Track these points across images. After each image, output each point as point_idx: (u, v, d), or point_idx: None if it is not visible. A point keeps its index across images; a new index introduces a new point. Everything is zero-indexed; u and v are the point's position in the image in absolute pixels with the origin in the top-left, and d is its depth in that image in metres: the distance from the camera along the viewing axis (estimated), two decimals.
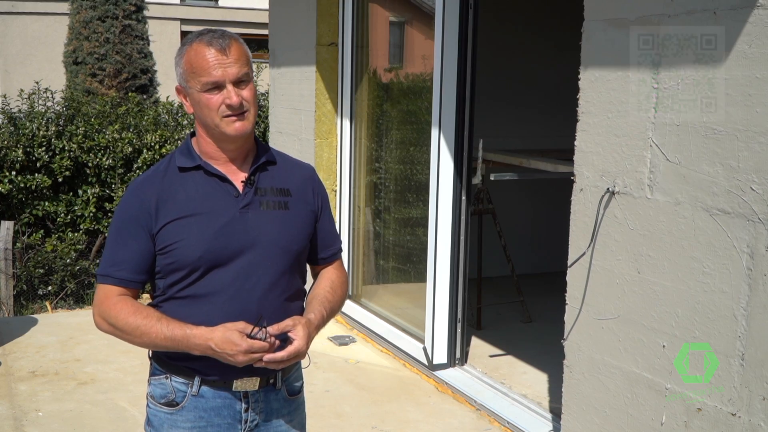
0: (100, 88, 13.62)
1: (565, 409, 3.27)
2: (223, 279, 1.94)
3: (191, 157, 2.00)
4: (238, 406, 2.01)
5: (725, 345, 2.56)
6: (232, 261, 1.94)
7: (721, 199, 2.55)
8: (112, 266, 1.96)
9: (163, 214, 1.93)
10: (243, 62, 1.93)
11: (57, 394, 4.33)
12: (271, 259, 1.98)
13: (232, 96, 1.90)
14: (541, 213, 6.67)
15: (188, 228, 1.93)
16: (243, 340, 1.83)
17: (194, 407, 1.99)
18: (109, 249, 1.99)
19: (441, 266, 4.53)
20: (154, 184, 1.97)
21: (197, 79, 1.91)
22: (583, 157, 3.09)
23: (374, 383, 4.60)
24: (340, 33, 5.49)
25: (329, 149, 5.62)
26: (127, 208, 1.97)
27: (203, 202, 1.95)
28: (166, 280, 1.97)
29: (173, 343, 1.89)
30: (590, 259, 3.08)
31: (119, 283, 1.95)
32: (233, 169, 2.00)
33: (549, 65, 6.27)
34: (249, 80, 1.95)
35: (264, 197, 2.00)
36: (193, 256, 1.91)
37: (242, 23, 19.22)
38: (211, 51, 1.90)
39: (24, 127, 8.04)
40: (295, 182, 2.08)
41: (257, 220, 1.97)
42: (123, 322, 1.91)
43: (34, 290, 7.79)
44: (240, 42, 1.96)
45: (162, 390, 2.02)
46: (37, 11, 17.57)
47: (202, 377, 1.98)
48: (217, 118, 1.92)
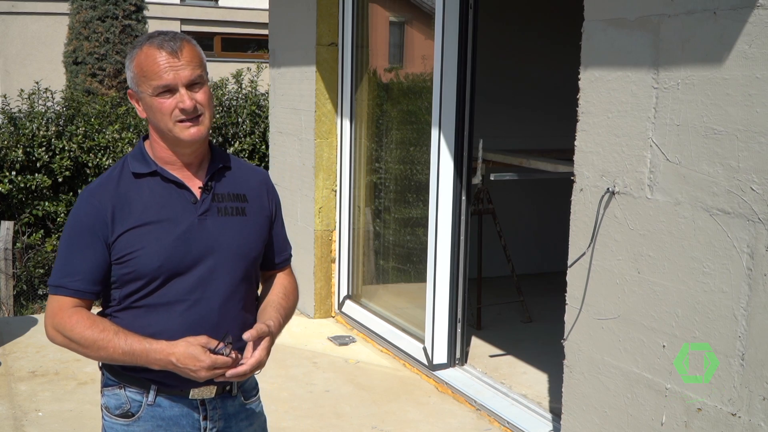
0: (100, 88, 13.62)
1: (565, 409, 3.27)
2: (183, 288, 1.89)
3: (146, 163, 1.94)
4: (196, 414, 1.97)
5: (725, 345, 2.56)
6: (192, 269, 1.90)
7: (721, 199, 2.55)
8: (65, 276, 1.89)
9: (120, 223, 1.87)
10: (195, 64, 1.87)
11: (57, 394, 4.33)
12: (231, 266, 1.94)
13: (185, 100, 1.85)
14: (541, 213, 6.67)
15: (147, 237, 1.87)
16: (206, 356, 1.79)
17: (151, 417, 1.94)
18: (62, 258, 1.91)
19: (441, 266, 4.53)
20: (108, 191, 1.90)
21: (148, 83, 1.86)
22: (583, 157, 3.09)
23: (374, 383, 4.60)
24: (340, 33, 5.49)
25: (329, 149, 5.63)
26: (82, 216, 1.89)
27: (161, 209, 1.90)
28: (122, 290, 1.91)
29: (132, 358, 1.83)
30: (590, 259, 3.08)
31: (74, 294, 1.88)
32: (189, 175, 1.95)
33: (549, 65, 6.27)
34: (203, 83, 1.90)
35: (221, 203, 1.96)
36: (153, 265, 1.86)
37: (242, 23, 19.23)
38: (162, 54, 1.84)
39: (24, 127, 8.04)
40: (251, 187, 2.04)
41: (216, 227, 1.93)
42: (79, 335, 1.85)
43: (34, 290, 7.79)
44: (192, 44, 1.91)
45: (116, 401, 1.97)
46: (37, 11, 17.57)
47: (158, 386, 1.93)
48: (171, 123, 1.87)
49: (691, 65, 2.62)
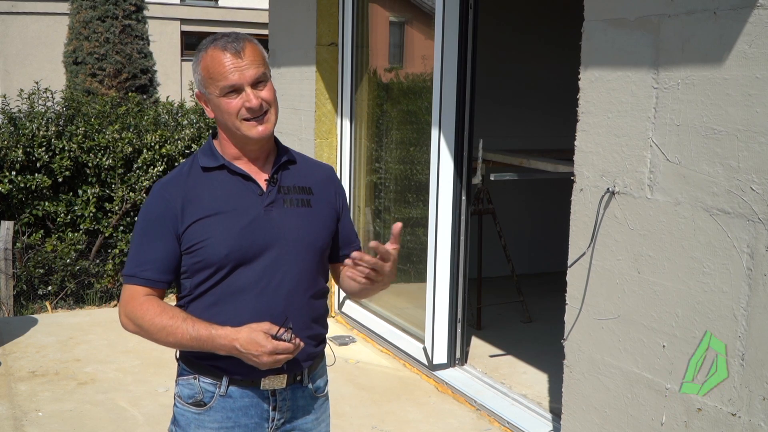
0: (100, 88, 13.63)
1: (565, 409, 3.27)
2: (250, 276, 1.95)
3: (214, 157, 2.02)
4: (266, 405, 2.01)
5: (725, 345, 2.56)
6: (258, 258, 1.95)
7: (721, 199, 2.55)
8: (137, 266, 1.97)
9: (189, 214, 1.95)
10: (259, 63, 1.95)
11: (57, 394, 4.33)
12: (296, 255, 1.99)
13: (252, 99, 1.92)
14: (541, 213, 6.67)
15: (214, 226, 1.94)
16: (268, 341, 1.84)
17: (222, 407, 2.00)
18: (134, 249, 2.00)
19: (441, 266, 4.53)
20: (178, 185, 1.99)
21: (215, 85, 1.93)
22: (583, 157, 3.09)
23: (374, 383, 4.60)
24: (340, 33, 5.49)
25: (329, 149, 5.63)
26: (153, 209, 1.98)
27: (228, 200, 1.97)
28: (192, 280, 1.98)
29: (199, 343, 1.90)
30: (590, 259, 3.08)
31: (145, 283, 1.96)
32: (256, 169, 2.02)
33: (549, 65, 6.27)
34: (267, 80, 1.97)
35: (287, 195, 2.02)
36: (220, 254, 1.93)
37: (242, 23, 19.23)
38: (227, 55, 1.91)
39: (24, 127, 8.04)
40: (316, 181, 2.10)
41: (281, 218, 1.99)
42: (149, 322, 1.92)
43: (34, 290, 7.79)
44: (254, 43, 1.97)
45: (190, 390, 2.02)
46: (37, 11, 17.58)
47: (230, 377, 1.98)
48: (238, 122, 1.94)
49: (691, 65, 2.62)
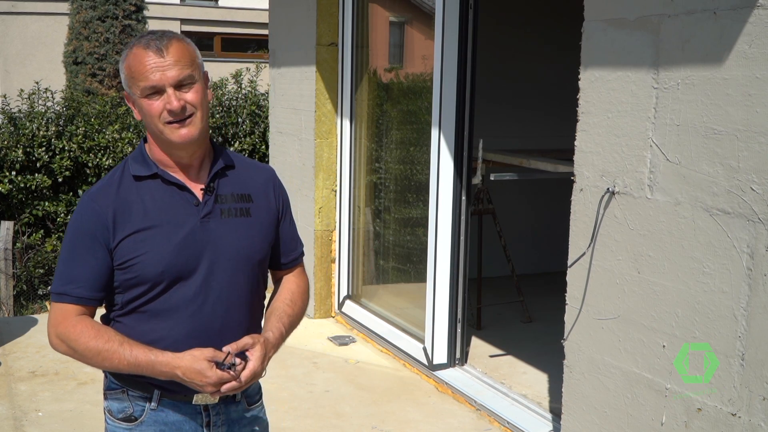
0: (100, 88, 13.63)
1: (565, 409, 3.27)
2: (186, 293, 1.86)
3: (146, 165, 1.89)
4: (200, 420, 1.95)
5: (725, 345, 2.56)
6: (194, 274, 1.86)
7: (721, 199, 2.55)
8: (68, 283, 1.85)
9: (121, 228, 1.83)
10: (185, 63, 1.81)
11: (57, 394, 4.33)
12: (235, 269, 1.91)
13: (172, 101, 1.79)
14: (541, 213, 6.67)
15: (148, 241, 1.83)
16: (213, 372, 1.77)
17: (154, 421, 1.92)
18: (64, 265, 1.87)
19: (441, 266, 4.53)
20: (109, 195, 1.85)
21: (137, 85, 1.81)
22: (583, 157, 3.09)
23: (374, 383, 4.60)
24: (340, 33, 5.49)
25: (329, 149, 5.63)
26: (83, 222, 1.85)
27: (162, 212, 1.85)
28: (125, 295, 1.87)
29: (137, 369, 1.80)
30: (590, 259, 3.08)
31: (77, 301, 1.84)
32: (191, 176, 1.91)
33: (549, 65, 6.27)
34: (194, 82, 1.83)
35: (224, 205, 1.91)
36: (155, 271, 1.82)
37: (242, 23, 19.23)
38: (149, 54, 1.79)
39: (24, 127, 8.04)
40: (256, 186, 1.99)
41: (219, 230, 1.89)
42: (83, 346, 1.82)
43: (34, 290, 7.79)
44: (183, 41, 1.85)
45: (119, 404, 1.95)
46: (37, 11, 17.57)
47: (161, 391, 1.90)
48: (160, 125, 1.82)
49: (691, 65, 2.62)
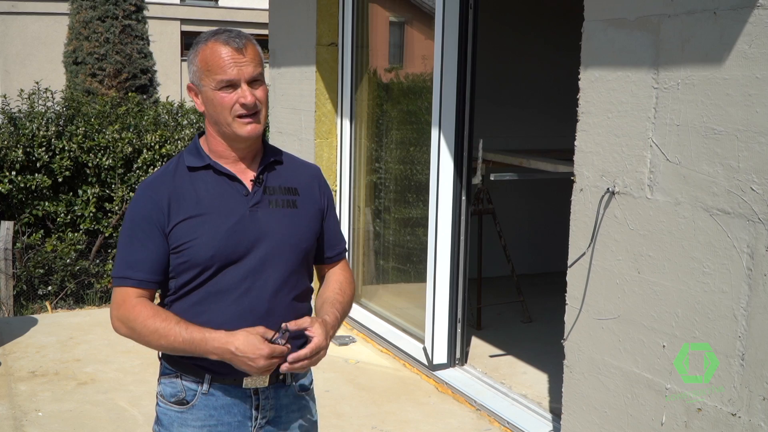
0: (100, 88, 13.64)
1: (565, 409, 3.27)
2: (234, 277, 1.95)
3: (200, 157, 2.01)
4: (249, 404, 2.01)
5: (725, 345, 2.56)
6: (243, 259, 1.95)
7: (721, 199, 2.55)
8: (129, 268, 1.95)
9: (175, 213, 1.94)
10: (257, 62, 1.95)
11: (57, 394, 4.33)
12: (281, 256, 1.99)
13: (247, 95, 1.91)
14: (541, 213, 6.67)
15: (200, 227, 1.93)
16: (265, 345, 1.84)
17: (204, 406, 1.99)
18: (123, 250, 1.97)
19: (441, 266, 4.53)
20: (165, 183, 1.97)
21: (212, 77, 1.92)
22: (583, 157, 3.09)
23: (374, 383, 4.60)
24: (340, 33, 5.49)
25: (329, 149, 5.63)
26: (140, 208, 1.97)
27: (213, 201, 1.96)
28: (177, 280, 1.97)
29: (191, 347, 1.88)
30: (590, 259, 3.08)
31: (137, 284, 1.94)
32: (242, 168, 2.01)
33: (549, 65, 6.27)
34: (262, 81, 1.97)
35: (272, 196, 2.02)
36: (206, 255, 1.92)
37: (242, 23, 19.24)
38: (228, 49, 1.91)
39: (24, 127, 8.05)
40: (302, 181, 2.10)
41: (267, 218, 1.99)
42: (142, 325, 1.91)
43: (34, 290, 7.79)
44: (254, 43, 1.98)
45: (172, 389, 2.02)
46: (37, 11, 17.59)
47: (213, 375, 1.98)
48: (230, 118, 1.93)
49: (691, 65, 2.62)
